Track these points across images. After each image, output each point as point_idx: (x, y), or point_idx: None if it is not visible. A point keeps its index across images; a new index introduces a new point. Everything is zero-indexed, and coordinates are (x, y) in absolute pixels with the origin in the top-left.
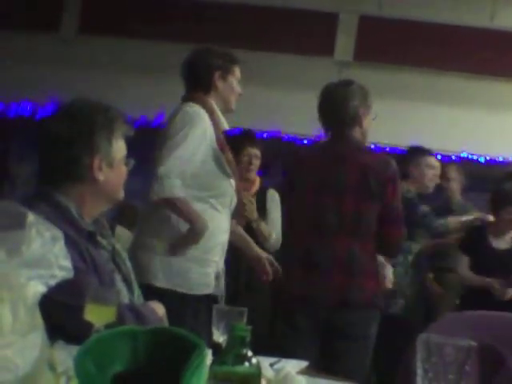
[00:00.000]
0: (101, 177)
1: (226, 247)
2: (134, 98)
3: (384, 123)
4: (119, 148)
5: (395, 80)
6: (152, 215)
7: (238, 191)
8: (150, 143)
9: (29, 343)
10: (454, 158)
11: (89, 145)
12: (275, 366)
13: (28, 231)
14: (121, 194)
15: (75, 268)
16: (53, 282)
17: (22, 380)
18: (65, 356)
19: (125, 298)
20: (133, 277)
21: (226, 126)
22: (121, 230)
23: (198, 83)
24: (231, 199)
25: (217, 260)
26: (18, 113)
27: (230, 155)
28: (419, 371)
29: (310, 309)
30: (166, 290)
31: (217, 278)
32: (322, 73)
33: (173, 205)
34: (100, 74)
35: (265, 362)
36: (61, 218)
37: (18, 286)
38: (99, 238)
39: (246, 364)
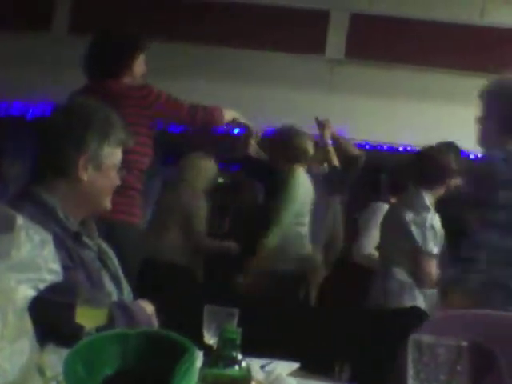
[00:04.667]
0: (85, 177)
1: None
2: None
3: (377, 120)
4: (111, 154)
5: (387, 77)
6: None
7: None
8: None
9: (17, 348)
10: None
11: (78, 141)
12: (266, 368)
13: (17, 235)
14: (105, 203)
15: (64, 267)
16: (42, 286)
17: None
18: (55, 360)
19: (114, 296)
20: (121, 274)
21: None
22: None
23: None
24: None
25: None
26: (9, 113)
27: None
28: (411, 371)
29: None
30: None
31: None
32: (313, 71)
33: None
34: None
35: (255, 363)
36: (47, 217)
37: (7, 291)
38: (85, 239)
39: (236, 367)
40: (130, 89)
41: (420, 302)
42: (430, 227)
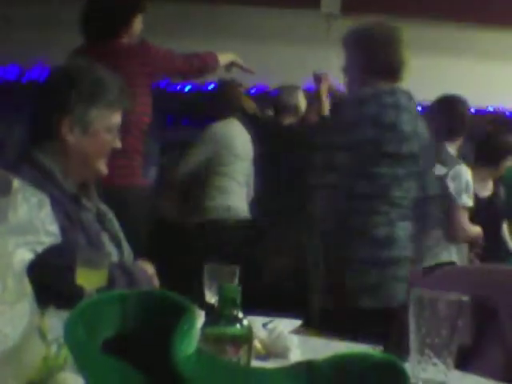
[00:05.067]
0: (71, 139)
1: None
2: None
3: None
4: (102, 117)
5: None
6: None
7: None
8: None
9: (18, 312)
10: None
11: (62, 103)
12: (268, 326)
13: (14, 197)
14: (99, 166)
15: (62, 229)
16: (40, 249)
17: (13, 349)
18: (56, 323)
19: (114, 257)
20: (121, 235)
21: None
22: None
23: None
24: None
25: None
26: (5, 77)
27: None
28: (412, 326)
29: None
30: None
31: None
32: (308, 26)
33: None
34: None
35: (257, 321)
36: (45, 180)
37: (5, 254)
38: (84, 201)
39: (237, 325)
40: (130, 47)
41: (454, 256)
42: (463, 180)
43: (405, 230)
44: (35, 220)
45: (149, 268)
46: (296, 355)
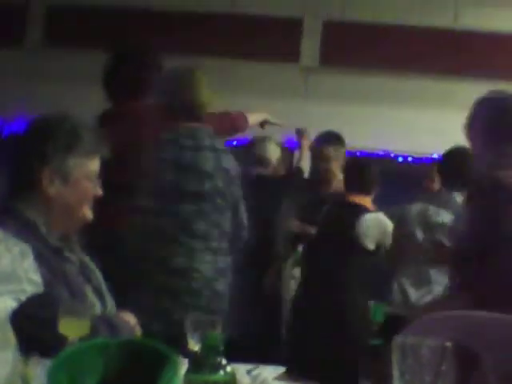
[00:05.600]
0: (51, 190)
1: None
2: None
3: (353, 127)
4: (80, 165)
5: (362, 83)
6: None
7: None
8: None
9: (1, 359)
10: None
11: (41, 154)
12: (252, 373)
13: None
14: (83, 215)
15: (45, 282)
16: (23, 297)
17: None
18: (39, 371)
19: (97, 309)
20: (104, 288)
21: None
22: None
23: None
24: None
25: None
26: None
27: None
28: (395, 373)
29: None
30: None
31: None
32: (288, 79)
33: None
34: (68, 87)
35: (241, 368)
36: (28, 232)
37: None
38: (67, 253)
39: (221, 372)
40: (155, 108)
41: None
42: None
43: (208, 262)
44: (18, 269)
45: (131, 319)
46: None
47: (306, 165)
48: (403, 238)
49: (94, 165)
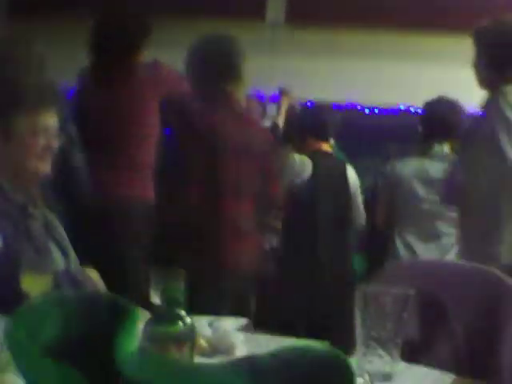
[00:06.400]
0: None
1: None
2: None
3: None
4: (24, 122)
5: (328, 40)
6: None
7: None
8: None
9: None
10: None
11: None
12: (214, 325)
13: None
14: (36, 169)
15: (8, 238)
16: None
17: None
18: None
19: (61, 265)
20: (68, 244)
21: None
22: None
23: None
24: None
25: None
26: None
27: None
28: (358, 320)
29: None
30: None
31: None
32: (254, 36)
33: None
34: None
35: (202, 320)
36: None
37: None
38: (31, 209)
39: (180, 323)
40: (141, 66)
41: None
42: None
43: None
44: None
45: (94, 274)
46: (242, 352)
47: (281, 122)
48: (401, 196)
49: (45, 119)
